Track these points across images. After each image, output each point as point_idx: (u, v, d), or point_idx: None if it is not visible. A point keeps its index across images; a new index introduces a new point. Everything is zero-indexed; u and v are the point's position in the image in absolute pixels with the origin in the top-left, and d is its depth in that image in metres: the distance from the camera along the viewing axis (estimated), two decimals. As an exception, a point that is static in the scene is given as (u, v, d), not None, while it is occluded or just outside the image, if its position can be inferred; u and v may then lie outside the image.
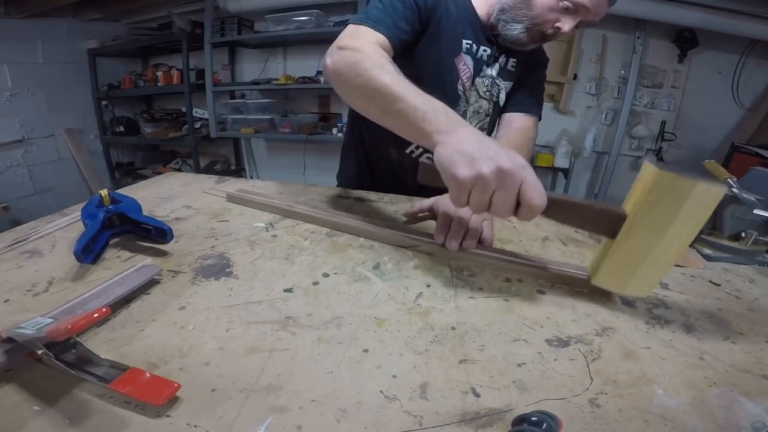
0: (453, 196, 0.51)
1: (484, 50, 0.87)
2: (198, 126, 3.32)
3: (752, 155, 2.23)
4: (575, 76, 2.79)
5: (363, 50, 0.67)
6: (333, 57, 0.69)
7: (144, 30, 3.42)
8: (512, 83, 0.92)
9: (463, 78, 0.88)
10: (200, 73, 3.19)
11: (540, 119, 0.97)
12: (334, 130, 2.95)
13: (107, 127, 3.54)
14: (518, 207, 0.48)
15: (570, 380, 0.37)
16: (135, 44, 3.33)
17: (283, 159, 3.54)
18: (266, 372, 0.37)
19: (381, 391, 0.35)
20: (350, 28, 0.75)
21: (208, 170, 3.47)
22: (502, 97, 0.92)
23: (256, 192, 0.80)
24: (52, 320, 0.34)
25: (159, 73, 3.25)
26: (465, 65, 0.87)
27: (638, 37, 2.60)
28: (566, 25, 0.78)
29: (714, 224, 0.68)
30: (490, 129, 0.98)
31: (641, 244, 0.46)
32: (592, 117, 2.93)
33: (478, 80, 0.89)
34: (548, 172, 3.13)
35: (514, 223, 0.76)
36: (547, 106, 2.80)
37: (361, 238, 0.65)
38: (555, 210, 0.49)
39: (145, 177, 1.66)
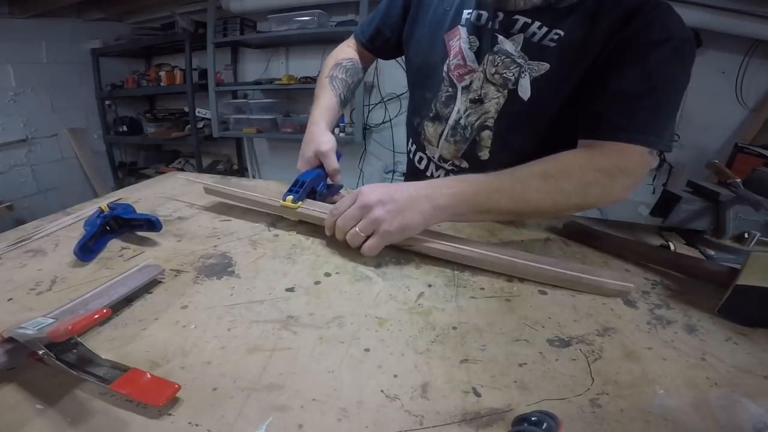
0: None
1: (497, 16, 0.66)
2: (200, 126, 3.33)
3: (756, 156, 2.22)
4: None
5: (329, 56, 0.91)
6: None
7: (147, 30, 3.42)
8: (548, 65, 0.63)
9: (450, 56, 0.71)
10: (203, 73, 3.20)
11: (649, 146, 0.58)
12: (336, 130, 2.95)
13: (110, 127, 3.55)
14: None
15: (571, 380, 0.37)
16: (138, 44, 3.34)
17: (286, 159, 3.54)
18: (267, 371, 0.37)
19: (382, 391, 0.35)
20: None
21: (211, 170, 3.48)
22: (524, 84, 0.64)
23: (235, 183, 0.81)
24: (53, 320, 0.34)
25: (162, 73, 3.26)
26: (458, 40, 0.69)
27: (641, 37, 2.60)
28: None
29: (717, 225, 0.67)
30: (501, 128, 0.70)
31: None
32: (594, 117, 2.92)
33: (488, 57, 0.67)
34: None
35: (516, 223, 0.76)
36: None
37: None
38: None
39: (147, 176, 1.67)
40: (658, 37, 0.57)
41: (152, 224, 0.62)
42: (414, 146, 0.87)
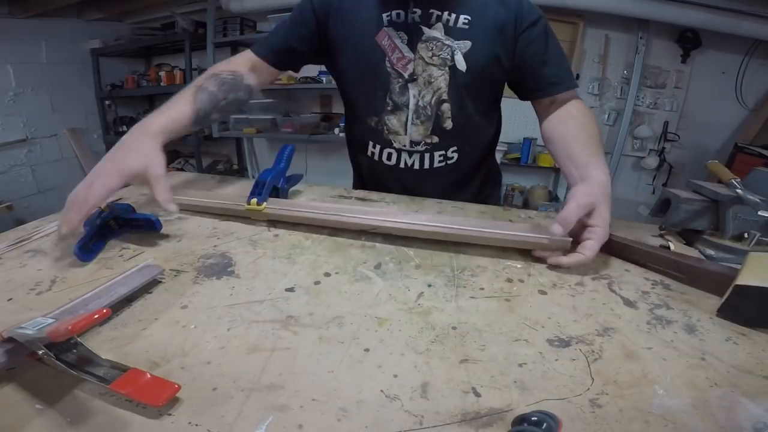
0: None
1: (414, 12, 0.79)
2: (200, 126, 3.33)
3: (755, 156, 2.22)
4: (578, 76, 2.79)
5: (209, 69, 0.85)
6: None
7: (147, 30, 3.43)
8: (471, 43, 0.79)
9: (389, 53, 0.81)
10: (203, 73, 3.20)
11: (573, 87, 0.84)
12: (336, 130, 2.96)
13: (110, 127, 3.55)
14: None
15: (571, 380, 0.37)
16: (138, 44, 3.35)
17: (285, 159, 3.54)
18: (267, 371, 0.37)
19: (382, 391, 0.35)
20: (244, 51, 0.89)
21: (211, 170, 3.49)
22: (459, 59, 0.79)
23: (198, 192, 0.78)
24: (53, 320, 0.34)
25: (162, 73, 3.27)
26: (388, 39, 0.80)
27: (641, 38, 2.60)
28: None
29: (717, 225, 0.67)
30: (455, 98, 0.83)
31: None
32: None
33: (420, 46, 0.80)
34: (550, 173, 3.13)
35: (516, 222, 0.76)
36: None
37: (363, 238, 0.65)
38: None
39: (147, 176, 1.67)
40: (534, 16, 0.80)
41: (152, 224, 0.61)
42: (377, 147, 0.91)
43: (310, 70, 3.03)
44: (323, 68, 3.10)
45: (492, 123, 0.95)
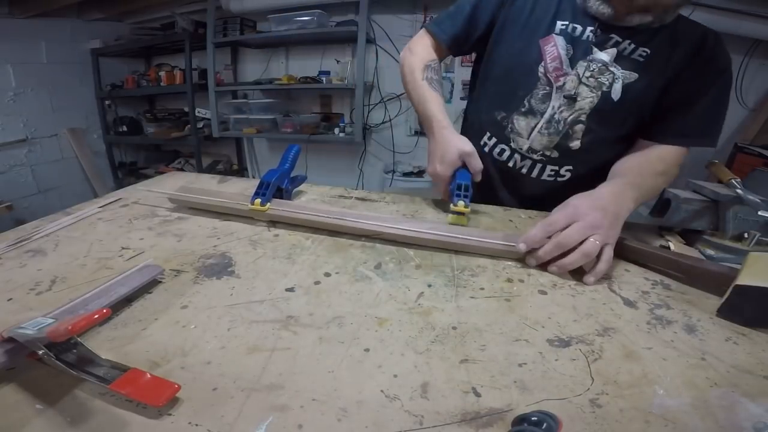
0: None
1: (591, 31, 0.78)
2: (200, 126, 3.33)
3: (756, 156, 2.22)
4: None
5: (410, 54, 0.92)
6: (401, 58, 0.95)
7: (147, 30, 3.42)
8: (638, 76, 0.77)
9: (548, 60, 0.80)
10: (203, 73, 3.20)
11: (711, 145, 0.80)
12: (336, 130, 2.95)
13: (110, 127, 3.55)
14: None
15: (571, 380, 0.37)
16: (138, 44, 3.34)
17: (285, 159, 3.54)
18: (267, 371, 0.37)
19: (382, 391, 0.35)
20: (421, 31, 0.95)
21: (211, 170, 3.48)
22: (617, 87, 0.77)
23: (201, 190, 0.76)
24: (53, 320, 0.34)
25: (162, 73, 3.26)
26: (554, 46, 0.80)
27: (641, 37, 2.60)
28: None
29: (717, 225, 0.67)
30: (594, 122, 0.82)
31: None
32: (594, 117, 2.92)
33: (581, 63, 0.79)
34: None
35: (516, 223, 0.76)
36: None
37: (363, 238, 0.65)
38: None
39: (147, 176, 1.67)
40: (722, 65, 0.75)
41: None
42: (494, 140, 0.91)
43: (311, 69, 3.03)
44: (323, 68, 3.10)
45: (617, 156, 0.84)
